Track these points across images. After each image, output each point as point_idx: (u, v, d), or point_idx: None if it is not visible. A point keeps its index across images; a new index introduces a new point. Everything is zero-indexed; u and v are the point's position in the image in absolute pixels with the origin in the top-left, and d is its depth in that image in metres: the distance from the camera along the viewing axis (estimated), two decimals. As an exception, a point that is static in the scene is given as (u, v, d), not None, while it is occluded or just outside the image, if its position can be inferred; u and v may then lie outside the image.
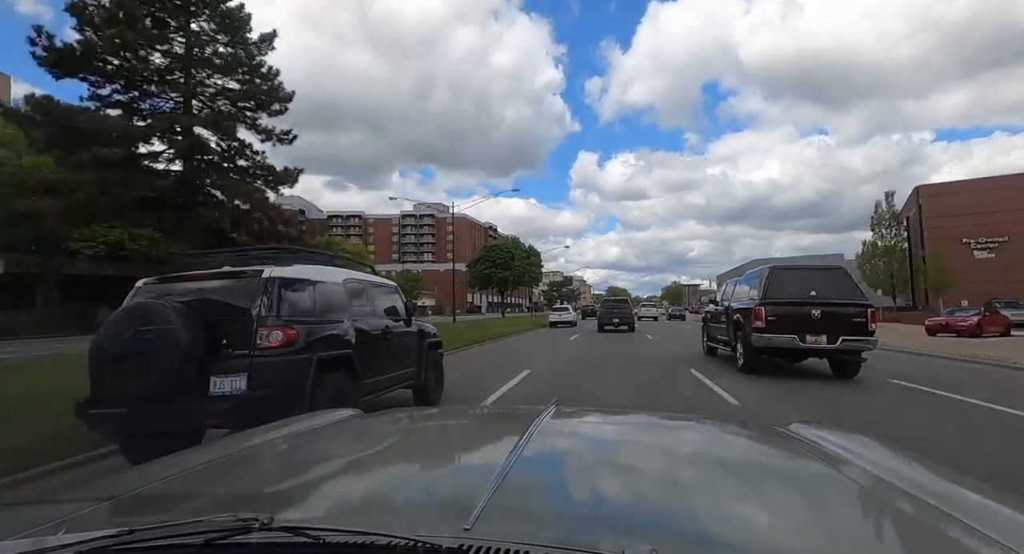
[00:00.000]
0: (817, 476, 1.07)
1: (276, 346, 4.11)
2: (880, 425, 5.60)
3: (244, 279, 4.36)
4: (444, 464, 1.23)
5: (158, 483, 1.00)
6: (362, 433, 1.49)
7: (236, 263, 4.90)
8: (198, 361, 3.88)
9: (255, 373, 3.98)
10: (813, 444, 1.21)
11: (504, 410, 2.30)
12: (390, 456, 1.28)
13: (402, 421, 1.67)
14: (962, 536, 0.73)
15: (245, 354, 4.04)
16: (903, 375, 9.29)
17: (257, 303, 4.18)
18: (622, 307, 26.35)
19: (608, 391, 8.02)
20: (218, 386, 3.95)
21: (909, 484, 0.91)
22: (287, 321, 4.28)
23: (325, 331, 4.71)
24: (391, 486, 1.01)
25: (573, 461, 1.18)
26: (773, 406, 6.73)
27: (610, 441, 1.43)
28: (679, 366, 10.84)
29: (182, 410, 3.84)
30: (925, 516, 0.79)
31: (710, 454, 1.28)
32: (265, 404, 3.93)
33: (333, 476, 1.10)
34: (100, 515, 0.86)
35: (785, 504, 0.92)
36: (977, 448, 4.80)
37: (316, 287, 4.86)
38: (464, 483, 1.04)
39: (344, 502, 0.91)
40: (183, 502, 0.95)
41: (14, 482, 3.84)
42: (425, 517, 0.82)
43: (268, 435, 1.37)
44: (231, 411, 3.83)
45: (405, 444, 1.42)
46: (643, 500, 0.92)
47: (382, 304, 6.08)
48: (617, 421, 1.70)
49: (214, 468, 1.12)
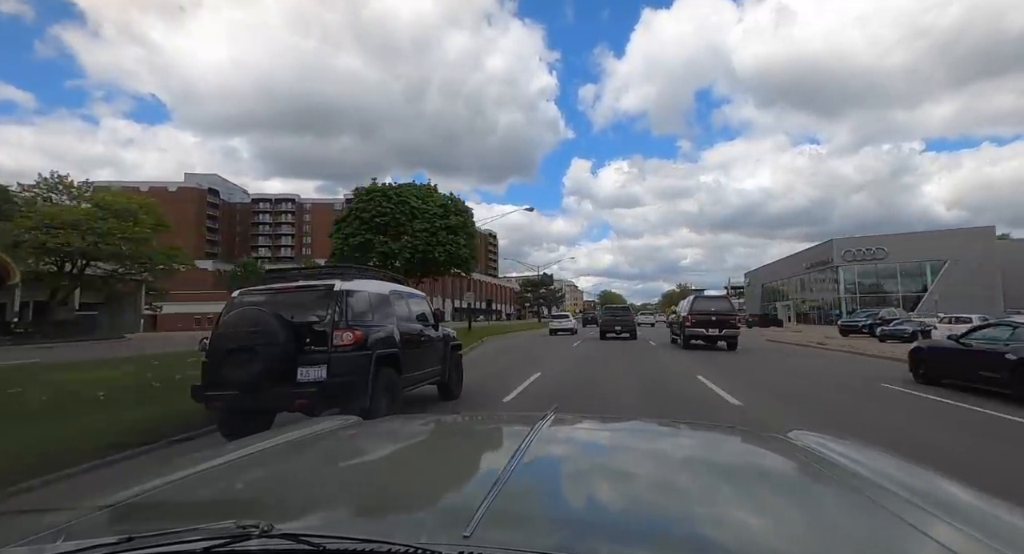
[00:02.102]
0: (816, 483, 1.08)
1: (347, 344, 5.23)
2: (751, 352, 16.38)
3: (320, 291, 5.48)
4: (443, 471, 1.21)
5: (157, 491, 1.00)
6: (361, 440, 1.51)
7: (308, 278, 6.03)
8: (291, 355, 4.99)
9: (332, 365, 5.09)
10: (812, 451, 1.22)
11: (503, 417, 2.49)
12: (389, 463, 1.29)
13: (401, 428, 1.68)
14: (961, 543, 0.73)
15: (324, 350, 5.15)
16: (776, 343, 23.51)
17: (332, 310, 5.30)
18: (624, 315, 27.24)
19: (606, 358, 15.16)
20: (304, 375, 5.06)
21: (908, 491, 0.92)
22: (353, 324, 5.40)
23: (380, 333, 5.83)
24: (391, 493, 1.01)
25: (572, 468, 1.20)
26: (684, 359, 14.90)
27: (608, 448, 1.43)
28: (653, 348, 19.18)
29: (277, 393, 4.94)
30: (923, 523, 0.79)
31: (708, 461, 1.29)
32: (339, 389, 5.05)
33: (333, 483, 1.10)
34: (99, 523, 0.86)
35: (783, 511, 0.92)
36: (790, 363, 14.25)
37: (371, 297, 5.99)
38: (463, 490, 1.05)
39: (344, 509, 0.91)
40: (183, 510, 0.95)
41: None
42: (425, 524, 0.82)
43: (268, 442, 1.36)
44: (315, 395, 4.94)
45: (404, 451, 1.42)
46: (642, 507, 0.93)
47: (416, 311, 7.21)
48: (615, 428, 1.74)
49: (213, 475, 1.12)
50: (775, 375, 11.17)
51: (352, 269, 6.32)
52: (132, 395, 7.37)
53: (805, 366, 13.22)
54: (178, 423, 5.61)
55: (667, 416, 6.57)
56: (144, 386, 8.29)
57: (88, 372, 10.22)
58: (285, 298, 5.47)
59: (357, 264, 17.33)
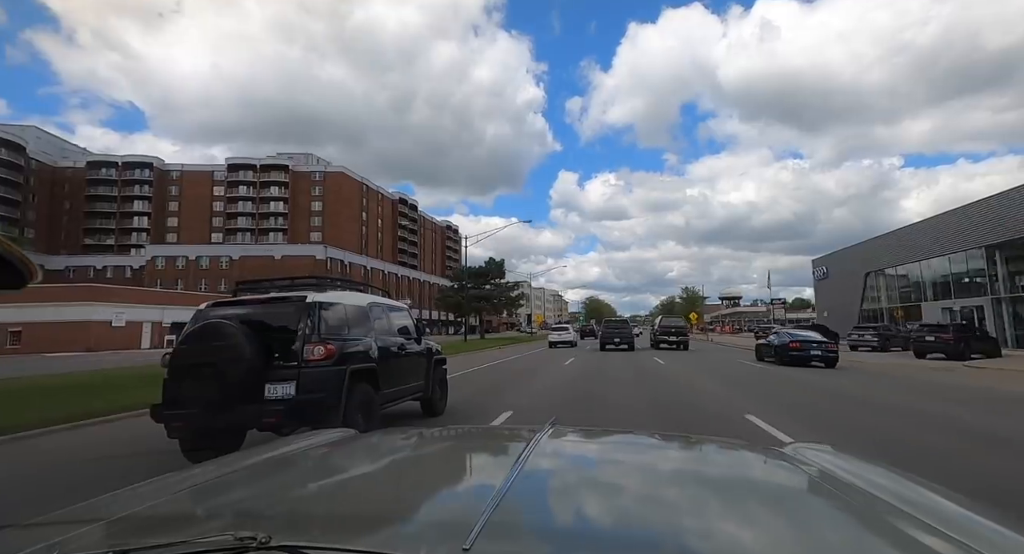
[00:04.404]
0: (815, 498, 1.07)
1: (319, 359, 4.96)
2: (702, 351, 27.46)
3: (291, 303, 5.23)
4: (442, 483, 1.21)
5: (154, 504, 0.99)
6: (359, 452, 1.50)
7: (280, 290, 5.78)
8: (257, 371, 4.72)
9: (302, 381, 4.83)
10: (812, 465, 1.22)
11: (502, 429, 2.37)
12: (388, 475, 1.28)
13: (400, 440, 1.68)
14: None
15: (294, 365, 4.89)
16: (720, 345, 36.69)
17: (303, 323, 5.05)
18: (623, 327, 28.97)
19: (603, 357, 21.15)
20: (272, 392, 4.79)
21: (910, 506, 0.91)
22: (326, 338, 5.14)
23: (355, 347, 5.57)
24: (390, 505, 1.01)
25: (571, 481, 1.19)
26: (652, 352, 26.32)
27: (608, 461, 1.43)
28: (641, 350, 26.76)
29: (242, 411, 4.66)
30: (924, 538, 0.78)
31: (707, 475, 1.29)
32: (309, 407, 4.78)
33: (331, 495, 1.09)
34: (95, 536, 0.85)
35: (782, 526, 0.92)
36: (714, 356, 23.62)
37: (347, 310, 5.74)
38: (463, 502, 1.05)
39: (343, 521, 0.91)
40: (179, 522, 0.94)
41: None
42: (424, 536, 0.82)
43: (264, 455, 1.36)
44: (283, 412, 4.67)
45: (403, 463, 1.41)
46: (641, 520, 0.93)
47: (397, 324, 6.96)
48: (615, 441, 1.73)
49: (209, 488, 1.11)
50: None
51: (330, 281, 6.09)
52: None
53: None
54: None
55: (640, 374, 9.86)
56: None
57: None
58: (255, 311, 5.21)
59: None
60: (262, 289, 5.82)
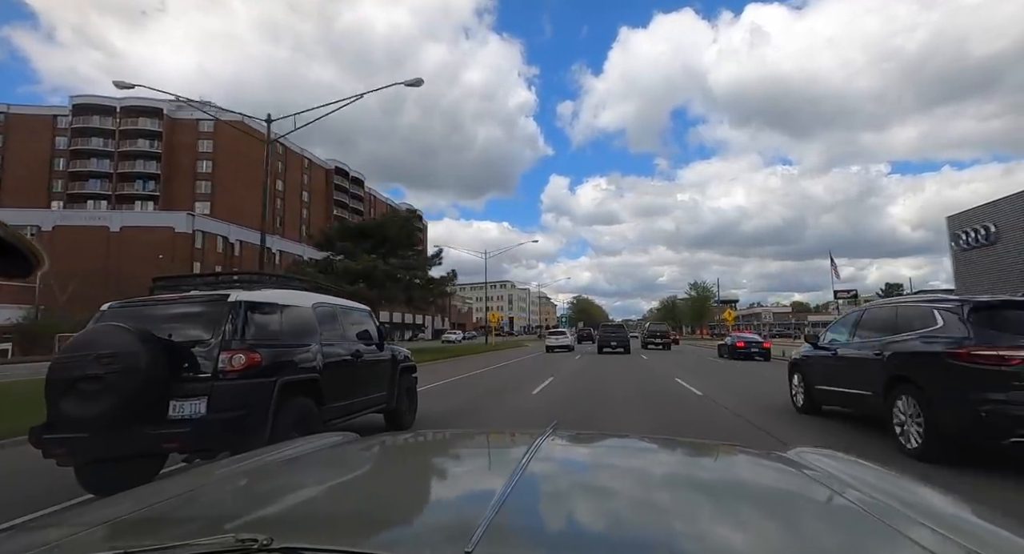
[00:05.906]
0: (819, 502, 1.06)
1: (239, 370, 4.15)
2: (682, 352, 31.15)
3: (210, 303, 4.42)
4: (444, 487, 1.22)
5: (153, 506, 0.98)
6: (361, 455, 1.49)
7: (205, 287, 4.97)
8: (158, 385, 3.90)
9: (215, 397, 4.01)
10: (815, 469, 1.20)
11: (503, 433, 2.39)
12: (390, 478, 1.26)
13: (402, 443, 1.67)
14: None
15: (207, 378, 4.07)
16: (694, 348, 38.92)
17: (221, 327, 4.24)
18: (620, 331, 29.92)
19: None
20: (177, 410, 3.97)
21: (913, 510, 0.90)
22: (251, 345, 4.32)
23: (291, 355, 4.76)
24: (392, 508, 1.00)
25: (573, 484, 1.18)
26: (642, 352, 29.61)
27: (609, 465, 1.43)
28: (633, 350, 29.98)
29: (140, 434, 3.84)
30: (929, 543, 0.76)
31: (710, 480, 1.28)
32: (224, 428, 3.96)
33: (333, 497, 1.08)
34: (94, 539, 0.84)
35: (785, 531, 0.91)
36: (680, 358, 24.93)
37: (284, 311, 4.92)
38: (465, 506, 1.04)
39: (345, 523, 0.89)
40: (179, 525, 0.93)
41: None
42: (426, 539, 0.81)
43: (265, 458, 1.37)
44: (189, 435, 3.86)
45: (405, 466, 1.41)
46: (643, 525, 0.92)
47: (353, 328, 6.13)
48: (616, 444, 1.71)
49: (210, 491, 1.11)
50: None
51: (268, 277, 5.26)
52: None
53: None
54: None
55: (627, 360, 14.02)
56: None
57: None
58: (166, 312, 4.40)
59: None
60: (183, 287, 5.01)
